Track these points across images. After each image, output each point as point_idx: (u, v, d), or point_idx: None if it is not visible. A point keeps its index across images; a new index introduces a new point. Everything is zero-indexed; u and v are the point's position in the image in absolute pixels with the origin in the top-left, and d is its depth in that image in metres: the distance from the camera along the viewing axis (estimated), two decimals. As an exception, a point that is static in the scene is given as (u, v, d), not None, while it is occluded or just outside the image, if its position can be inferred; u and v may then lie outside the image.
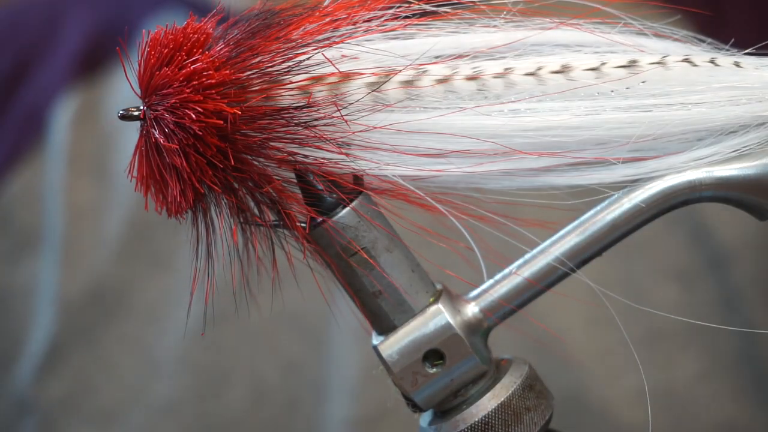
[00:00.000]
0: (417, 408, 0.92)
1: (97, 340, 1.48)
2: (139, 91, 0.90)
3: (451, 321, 0.91)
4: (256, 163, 0.89)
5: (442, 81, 0.90)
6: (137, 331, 1.47)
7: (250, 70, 0.88)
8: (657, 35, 0.93)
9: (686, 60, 0.91)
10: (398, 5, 0.91)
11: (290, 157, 0.89)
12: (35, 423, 1.47)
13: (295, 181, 0.91)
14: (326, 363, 1.43)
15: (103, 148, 1.49)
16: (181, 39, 0.88)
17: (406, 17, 0.91)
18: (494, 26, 0.92)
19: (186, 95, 0.87)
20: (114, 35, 0.90)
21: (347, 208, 0.90)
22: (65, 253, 1.51)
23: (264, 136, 0.88)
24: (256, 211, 0.90)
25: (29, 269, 1.53)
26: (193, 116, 0.87)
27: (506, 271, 0.92)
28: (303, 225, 0.90)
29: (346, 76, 0.89)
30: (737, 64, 0.92)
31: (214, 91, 0.87)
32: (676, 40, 0.94)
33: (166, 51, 0.88)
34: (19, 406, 1.49)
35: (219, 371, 1.45)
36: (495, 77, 0.90)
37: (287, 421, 1.44)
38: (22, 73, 1.59)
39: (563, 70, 0.90)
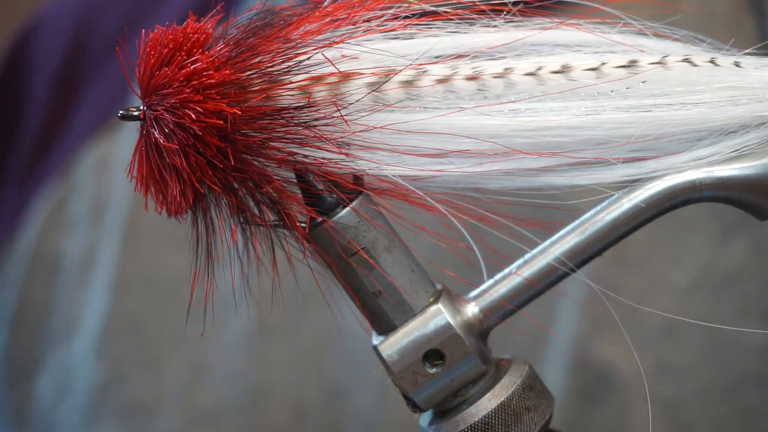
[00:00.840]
0: (417, 408, 0.91)
1: (145, 331, 1.47)
2: (138, 91, 0.90)
3: (451, 321, 0.91)
4: (256, 163, 0.88)
5: (442, 81, 0.90)
6: (188, 328, 1.42)
7: (250, 70, 0.88)
8: (657, 35, 0.93)
9: (686, 60, 0.91)
10: (398, 5, 0.91)
11: (290, 157, 0.89)
12: (70, 406, 1.46)
13: (295, 181, 0.90)
14: (370, 394, 1.40)
15: None
16: (181, 39, 0.88)
17: (406, 17, 0.90)
18: (494, 26, 0.92)
19: (186, 95, 0.87)
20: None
21: (347, 208, 0.90)
22: (128, 230, 1.49)
23: (264, 136, 0.88)
24: (256, 211, 0.90)
25: (92, 240, 1.51)
26: (193, 116, 0.86)
27: (506, 271, 0.92)
28: (303, 225, 0.90)
29: (346, 76, 0.89)
30: (737, 64, 0.91)
31: (214, 91, 0.87)
32: (676, 40, 0.94)
33: (165, 51, 0.88)
34: (63, 387, 1.47)
35: (261, 385, 1.43)
36: (495, 77, 0.90)
37: None
38: (127, 36, 1.58)
39: (563, 70, 0.90)
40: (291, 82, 0.88)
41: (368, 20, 0.90)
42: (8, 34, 1.68)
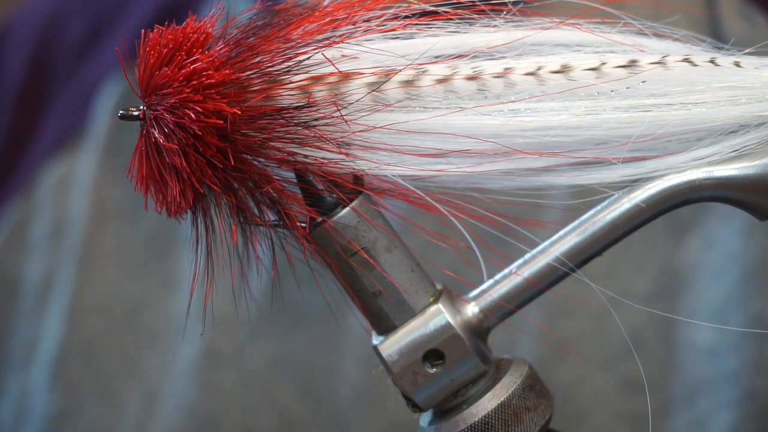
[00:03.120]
0: (417, 408, 0.91)
1: (99, 359, 1.45)
2: (139, 91, 0.89)
3: (451, 321, 0.91)
4: (256, 163, 0.88)
5: (442, 81, 0.90)
6: (142, 356, 1.44)
7: (249, 70, 0.88)
8: (657, 35, 0.93)
9: (686, 60, 0.91)
10: (398, 5, 0.91)
11: (290, 157, 0.88)
12: None
13: (295, 181, 0.90)
14: (322, 422, 1.39)
15: None
16: (181, 38, 0.87)
17: (406, 17, 0.90)
18: (494, 26, 0.91)
19: (186, 95, 0.87)
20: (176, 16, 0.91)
21: (347, 208, 0.90)
22: (84, 253, 1.48)
23: (264, 136, 0.88)
24: (256, 211, 0.90)
25: (51, 263, 1.50)
26: (193, 116, 0.86)
27: (506, 271, 0.92)
28: (303, 225, 0.90)
29: (346, 76, 0.88)
30: (737, 64, 0.91)
31: (213, 91, 0.87)
32: (676, 39, 0.93)
33: (165, 51, 0.87)
34: (21, 414, 1.46)
35: (213, 413, 1.41)
36: (495, 77, 0.90)
37: None
38: (92, 44, 1.53)
39: (563, 69, 0.90)
40: (291, 82, 0.88)
41: (368, 20, 0.90)
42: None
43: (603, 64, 0.90)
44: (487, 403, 0.90)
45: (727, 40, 0.94)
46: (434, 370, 0.90)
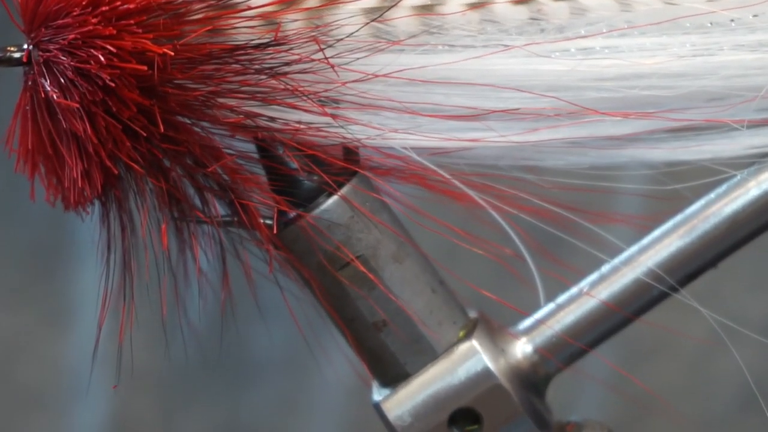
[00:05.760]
0: None
1: None
2: (21, 23, 0.79)
3: (491, 366, 0.79)
4: (197, 129, 0.77)
5: (477, 5, 0.79)
6: (18, 425, 1.38)
7: None
8: None
9: None
10: None
11: (249, 121, 0.77)
12: None
13: (257, 156, 0.79)
14: None
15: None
16: None
17: None
18: None
19: (91, 28, 0.76)
20: None
21: (334, 197, 0.78)
22: None
23: (209, 88, 0.77)
24: (197, 201, 0.79)
25: None
26: (102, 59, 0.75)
27: (574, 290, 0.81)
28: (268, 222, 0.78)
29: None
30: None
31: (133, 22, 0.76)
32: None
33: None
34: None
35: None
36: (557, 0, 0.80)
37: None
38: None
39: None
40: (249, 8, 0.77)
41: None
42: None
43: None
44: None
45: None
46: (466, 439, 0.75)
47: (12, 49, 0.77)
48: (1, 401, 1.33)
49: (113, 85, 0.75)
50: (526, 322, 0.83)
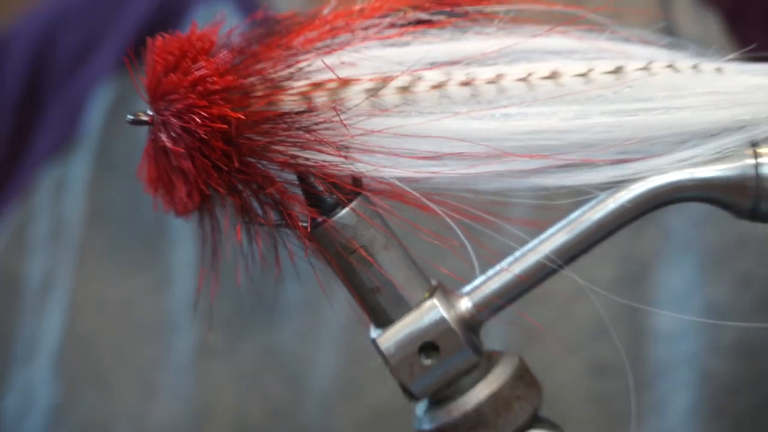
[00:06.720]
0: (413, 397, 0.92)
1: (97, 353, 1.48)
2: (146, 97, 0.90)
3: (446, 315, 0.91)
4: (259, 165, 0.88)
5: (437, 86, 0.90)
6: (138, 349, 1.47)
7: (252, 76, 0.88)
8: (643, 42, 0.93)
9: (670, 66, 0.91)
10: (394, 14, 0.91)
11: (292, 160, 0.88)
12: (32, 426, 1.47)
13: (297, 183, 0.90)
14: (311, 411, 1.40)
15: (133, 145, 1.42)
16: (186, 46, 0.88)
17: (402, 25, 0.90)
18: (487, 34, 0.91)
19: (192, 101, 0.87)
20: (162, 27, 0.90)
21: (346, 209, 0.90)
22: (82, 253, 1.51)
23: (267, 139, 0.88)
24: (259, 211, 0.90)
25: (50, 263, 1.52)
26: (199, 121, 0.87)
27: (498, 267, 0.92)
28: (305, 225, 0.90)
29: (345, 82, 0.89)
30: (719, 70, 0.92)
31: (218, 97, 0.87)
32: (661, 46, 0.94)
33: (171, 58, 0.88)
34: (25, 406, 1.49)
35: (205, 404, 1.43)
36: (487, 83, 0.90)
37: None
38: (85, 54, 1.57)
39: (553, 76, 0.90)
40: (292, 88, 0.88)
41: (366, 28, 0.90)
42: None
43: (591, 70, 0.90)
44: (480, 392, 0.91)
45: (683, 40, 0.95)
46: (429, 362, 0.90)
47: (141, 114, 0.89)
48: (127, 335, 1.45)
49: (206, 137, 0.87)
50: (468, 287, 0.93)
